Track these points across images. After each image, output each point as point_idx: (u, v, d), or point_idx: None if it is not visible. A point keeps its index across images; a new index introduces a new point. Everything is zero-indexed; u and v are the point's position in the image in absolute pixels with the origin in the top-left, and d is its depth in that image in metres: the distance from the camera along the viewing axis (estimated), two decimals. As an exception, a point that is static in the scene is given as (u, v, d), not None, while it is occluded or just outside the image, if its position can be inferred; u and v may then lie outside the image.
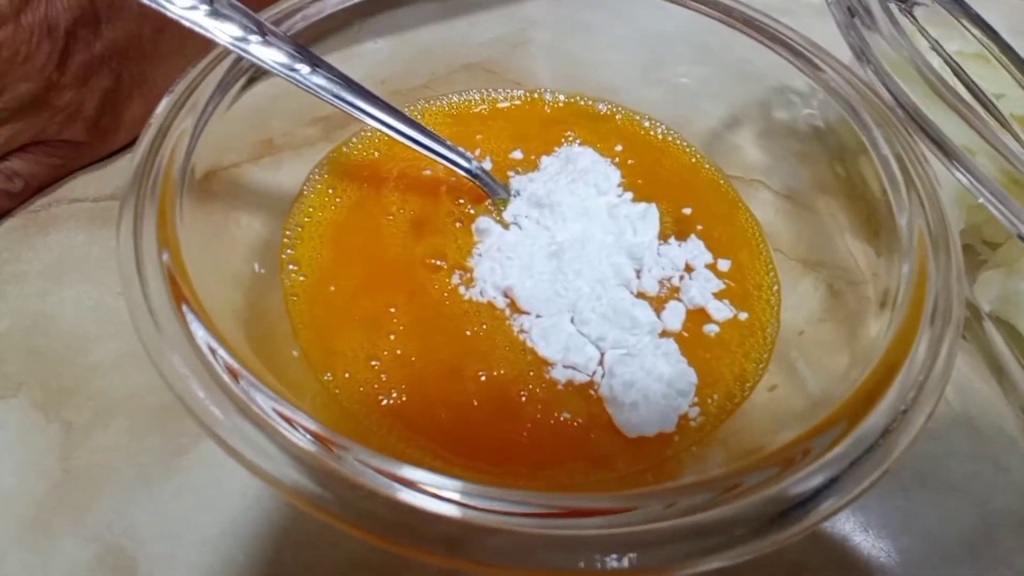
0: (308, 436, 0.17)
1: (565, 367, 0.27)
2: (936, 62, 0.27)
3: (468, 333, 0.28)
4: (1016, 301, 0.30)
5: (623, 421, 0.26)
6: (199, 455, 0.26)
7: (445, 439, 0.24)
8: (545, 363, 0.27)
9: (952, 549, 0.28)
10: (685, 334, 0.29)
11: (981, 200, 0.21)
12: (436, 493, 0.17)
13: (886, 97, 0.24)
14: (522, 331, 0.28)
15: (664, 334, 0.28)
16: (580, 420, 0.26)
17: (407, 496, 0.17)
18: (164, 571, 0.24)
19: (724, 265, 0.31)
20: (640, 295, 0.29)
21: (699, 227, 0.32)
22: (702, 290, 0.30)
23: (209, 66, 0.26)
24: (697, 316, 0.29)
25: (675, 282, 0.30)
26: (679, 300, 0.30)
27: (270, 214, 0.30)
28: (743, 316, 0.30)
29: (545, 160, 0.34)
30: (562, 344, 0.27)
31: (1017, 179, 0.21)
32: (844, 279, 0.30)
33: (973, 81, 0.26)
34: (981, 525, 0.29)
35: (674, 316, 0.29)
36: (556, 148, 0.35)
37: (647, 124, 0.37)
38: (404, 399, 0.26)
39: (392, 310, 0.28)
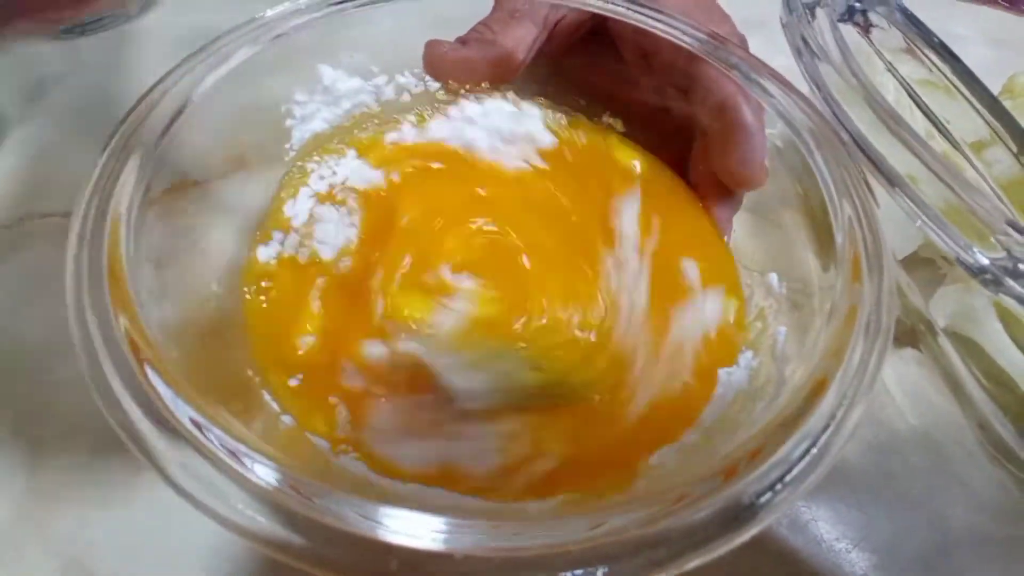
0: (274, 484, 0.18)
1: None
2: (892, 84, 0.27)
3: None
4: (973, 316, 0.30)
5: None
6: (161, 473, 0.27)
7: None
8: None
9: (908, 563, 0.28)
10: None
11: (919, 225, 0.22)
12: (377, 521, 0.18)
13: (834, 123, 0.25)
14: None
15: None
16: None
17: (360, 530, 0.18)
18: (123, 587, 0.25)
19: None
20: None
21: None
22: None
23: (173, 81, 0.26)
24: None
25: None
26: None
27: (236, 232, 0.30)
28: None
29: None
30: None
31: (956, 205, 0.21)
32: (804, 292, 0.30)
33: (927, 105, 0.26)
34: (938, 540, 0.29)
35: None
36: None
37: None
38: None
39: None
